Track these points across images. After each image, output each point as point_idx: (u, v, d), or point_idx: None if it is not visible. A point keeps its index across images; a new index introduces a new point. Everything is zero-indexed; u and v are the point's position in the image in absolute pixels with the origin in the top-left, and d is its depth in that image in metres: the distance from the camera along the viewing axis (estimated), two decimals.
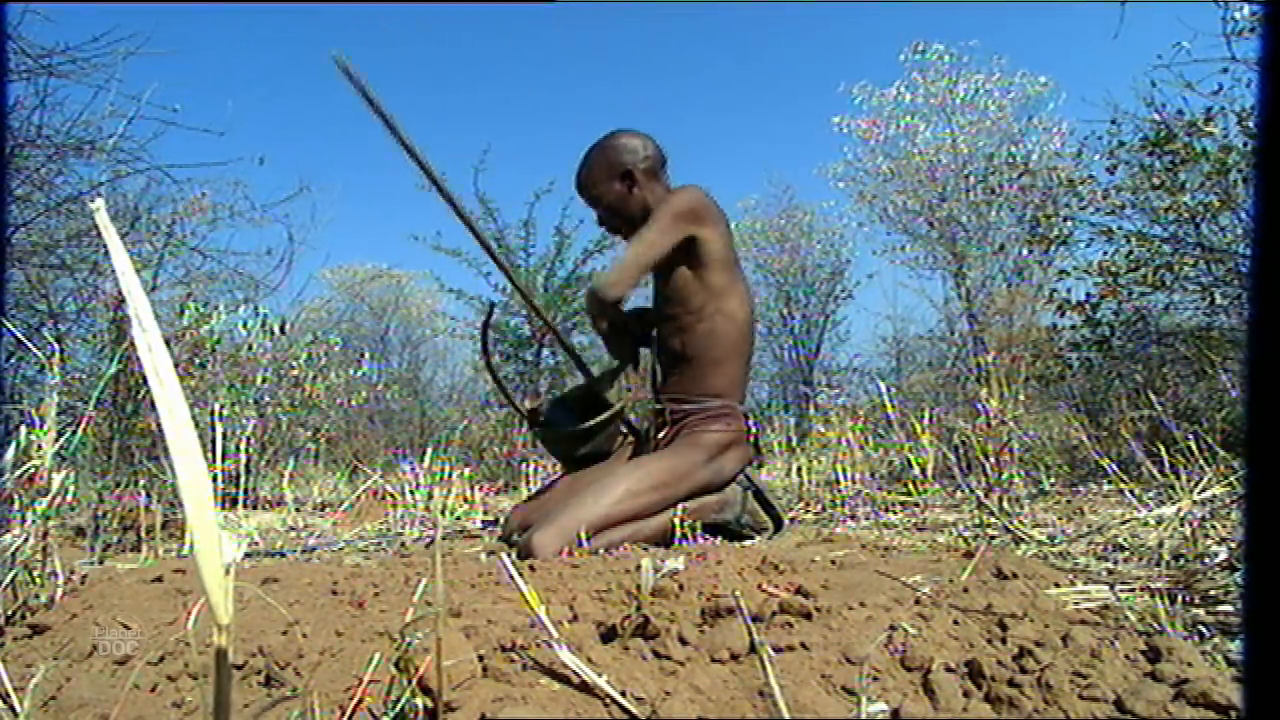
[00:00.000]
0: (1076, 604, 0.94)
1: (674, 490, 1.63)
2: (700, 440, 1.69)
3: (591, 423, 1.77)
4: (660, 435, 1.78)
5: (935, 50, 8.02)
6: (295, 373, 3.57)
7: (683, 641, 0.73)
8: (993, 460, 1.85)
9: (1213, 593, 0.98)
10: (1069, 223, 3.56)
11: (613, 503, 1.54)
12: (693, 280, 1.72)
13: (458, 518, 2.34)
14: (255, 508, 2.59)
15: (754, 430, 1.77)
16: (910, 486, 2.20)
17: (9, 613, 0.92)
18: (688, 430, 1.72)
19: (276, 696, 0.71)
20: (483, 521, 2.25)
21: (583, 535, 1.53)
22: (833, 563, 1.20)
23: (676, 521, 1.62)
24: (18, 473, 0.96)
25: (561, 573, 1.06)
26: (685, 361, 1.75)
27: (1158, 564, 1.20)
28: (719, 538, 1.75)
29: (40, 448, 0.98)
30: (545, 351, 6.16)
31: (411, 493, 2.48)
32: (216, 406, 2.48)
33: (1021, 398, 2.06)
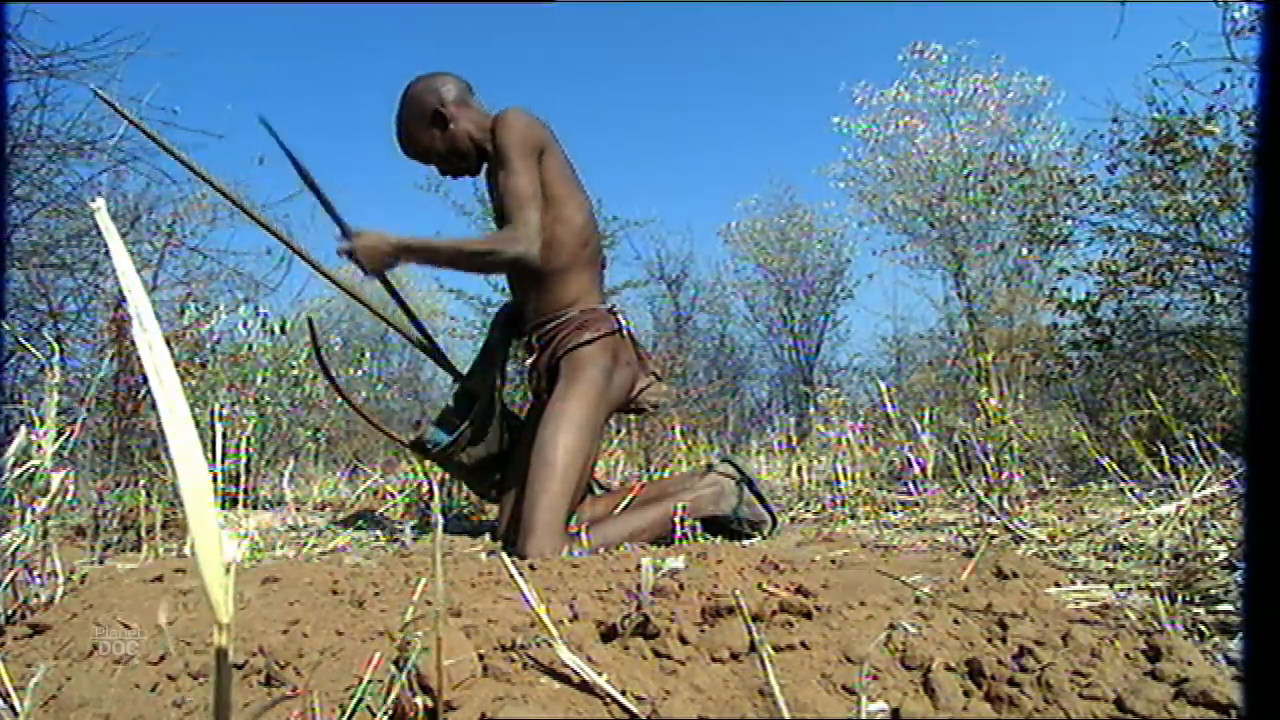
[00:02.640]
0: (1076, 603, 0.94)
1: (599, 419, 1.65)
2: (582, 360, 1.67)
3: (463, 426, 1.77)
4: (535, 360, 1.77)
5: (934, 50, 8.03)
6: (295, 372, 3.57)
7: (683, 641, 0.73)
8: (993, 460, 1.85)
9: (1213, 592, 0.98)
10: (1069, 222, 3.55)
11: (562, 472, 1.54)
12: None
13: (460, 516, 2.34)
14: (255, 508, 2.59)
15: (625, 330, 1.76)
16: (910, 486, 2.20)
17: (9, 612, 0.92)
18: (561, 350, 1.70)
19: (276, 696, 0.71)
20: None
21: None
22: (833, 562, 1.21)
23: (676, 520, 1.62)
24: (18, 473, 0.96)
25: (561, 572, 1.06)
26: (535, 280, 1.74)
27: (1158, 563, 1.20)
28: (719, 537, 1.76)
29: (40, 448, 0.98)
30: None
31: (412, 491, 2.48)
32: (216, 406, 2.48)
33: (1021, 397, 2.06)
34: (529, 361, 1.80)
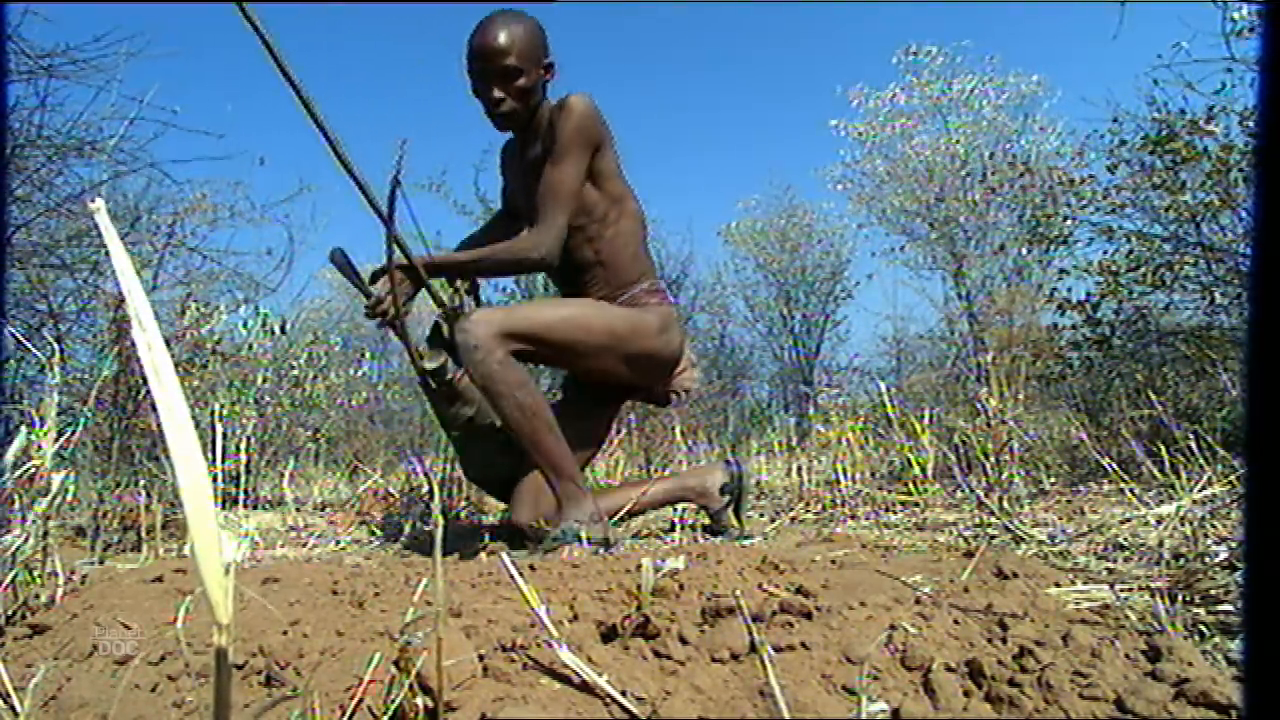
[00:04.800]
0: (1076, 603, 0.94)
1: (626, 342, 1.69)
2: (649, 308, 1.75)
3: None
4: None
5: (928, 51, 8.02)
6: (295, 372, 3.57)
7: (683, 641, 0.73)
8: (993, 460, 1.85)
9: (1213, 592, 0.98)
10: (1069, 222, 3.56)
11: (562, 316, 1.62)
12: (593, 191, 1.70)
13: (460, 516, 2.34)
14: (255, 508, 2.59)
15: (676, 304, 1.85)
16: (910, 486, 2.20)
17: (9, 613, 0.92)
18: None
19: (276, 696, 0.71)
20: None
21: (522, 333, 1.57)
22: (833, 562, 1.20)
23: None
24: (18, 473, 0.96)
25: (562, 572, 1.06)
26: (601, 266, 1.77)
27: (1158, 563, 1.20)
28: (719, 537, 1.76)
29: (40, 448, 0.98)
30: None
31: (412, 492, 2.48)
32: (216, 406, 2.48)
33: (1021, 397, 2.06)
34: None
